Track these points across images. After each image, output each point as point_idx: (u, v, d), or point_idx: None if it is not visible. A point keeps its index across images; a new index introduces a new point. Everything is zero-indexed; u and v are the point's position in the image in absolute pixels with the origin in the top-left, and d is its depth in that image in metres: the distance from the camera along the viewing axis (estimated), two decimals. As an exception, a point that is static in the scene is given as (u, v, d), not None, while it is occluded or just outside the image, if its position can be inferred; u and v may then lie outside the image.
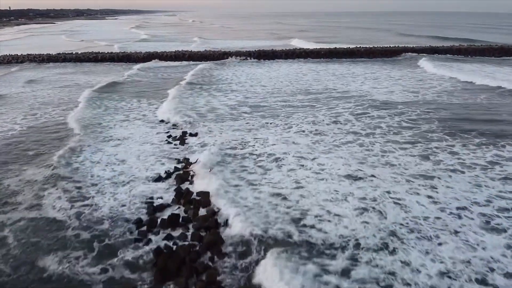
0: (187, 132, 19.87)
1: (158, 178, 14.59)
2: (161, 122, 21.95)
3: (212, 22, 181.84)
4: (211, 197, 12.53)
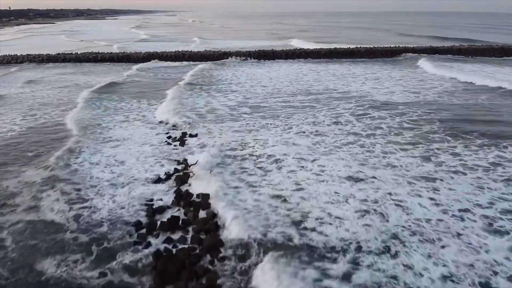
0: (187, 133, 19.77)
1: (157, 179, 14.47)
2: (160, 123, 21.84)
3: (212, 22, 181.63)
4: (211, 199, 12.42)
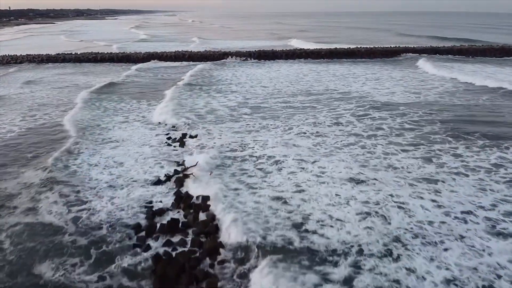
0: (187, 134, 19.65)
1: (157, 181, 14.34)
2: (160, 124, 21.70)
3: (212, 22, 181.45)
4: (211, 201, 12.30)
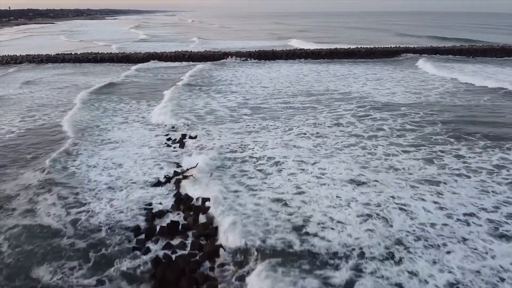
0: (186, 135, 19.53)
1: (157, 182, 14.24)
2: (159, 125, 21.58)
3: (212, 22, 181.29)
4: (211, 203, 12.18)
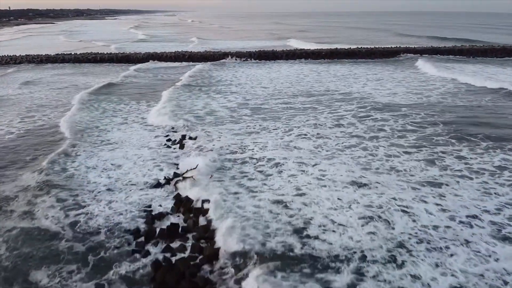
0: (186, 136, 19.41)
1: (157, 184, 14.13)
2: (159, 125, 21.44)
3: (211, 22, 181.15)
4: (210, 205, 12.06)
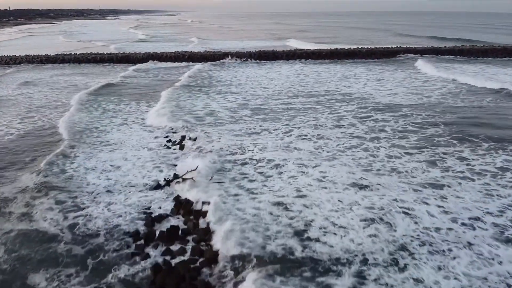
0: (186, 137, 19.30)
1: (156, 186, 14.02)
2: (158, 126, 21.34)
3: (211, 22, 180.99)
4: (210, 207, 11.96)
